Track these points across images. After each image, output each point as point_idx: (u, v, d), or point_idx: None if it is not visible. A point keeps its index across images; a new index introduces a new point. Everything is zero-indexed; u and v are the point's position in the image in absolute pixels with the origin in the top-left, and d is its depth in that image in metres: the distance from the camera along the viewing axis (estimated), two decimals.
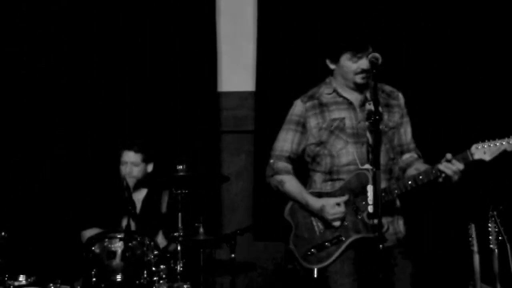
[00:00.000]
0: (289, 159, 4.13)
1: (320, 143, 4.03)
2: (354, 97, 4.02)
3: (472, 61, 5.62)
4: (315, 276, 3.95)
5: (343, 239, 3.90)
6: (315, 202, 3.97)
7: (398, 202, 4.06)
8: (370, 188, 3.73)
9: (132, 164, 5.16)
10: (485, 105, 5.57)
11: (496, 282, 4.45)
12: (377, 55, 3.75)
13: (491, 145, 3.68)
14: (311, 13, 5.78)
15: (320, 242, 3.94)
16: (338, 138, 3.99)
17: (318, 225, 4.00)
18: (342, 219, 3.91)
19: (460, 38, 5.65)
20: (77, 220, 5.35)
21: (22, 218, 5.72)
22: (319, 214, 3.95)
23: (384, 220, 3.82)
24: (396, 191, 3.86)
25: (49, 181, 5.86)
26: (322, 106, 4.06)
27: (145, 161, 5.21)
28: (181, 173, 4.60)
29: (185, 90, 5.91)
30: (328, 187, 4.03)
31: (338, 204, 3.90)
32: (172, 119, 5.91)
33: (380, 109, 3.54)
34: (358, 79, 3.95)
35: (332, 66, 4.03)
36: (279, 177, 4.12)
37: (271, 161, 4.16)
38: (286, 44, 5.82)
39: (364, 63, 3.90)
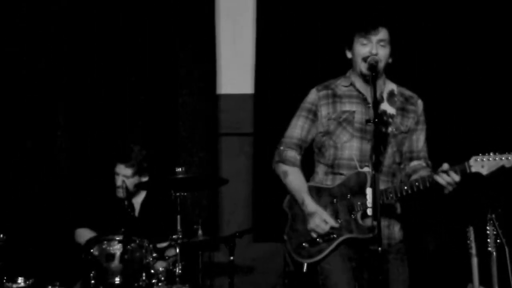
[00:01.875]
0: (299, 147, 4.07)
1: (327, 133, 4.00)
2: (369, 92, 3.92)
3: (482, 71, 5.62)
4: (304, 270, 3.93)
5: (335, 236, 3.88)
6: (311, 205, 3.94)
7: (398, 208, 4.04)
8: (369, 191, 3.73)
9: (124, 176, 5.16)
10: (491, 115, 5.57)
11: (494, 285, 4.45)
12: (376, 57, 3.74)
13: (490, 159, 3.62)
14: (311, 15, 5.79)
15: (313, 237, 3.92)
16: (345, 131, 3.96)
17: None
18: (320, 236, 3.89)
19: (467, 43, 5.64)
20: (74, 221, 5.35)
21: (21, 220, 5.71)
22: (306, 217, 3.95)
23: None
24: (391, 195, 3.85)
25: (48, 182, 5.86)
26: (335, 97, 4.02)
27: (138, 174, 5.21)
28: (180, 176, 4.60)
29: (184, 92, 5.92)
30: (328, 181, 3.99)
31: (326, 222, 3.89)
32: (171, 121, 5.91)
33: (393, 111, 3.54)
34: (364, 68, 3.86)
35: (349, 55, 3.98)
36: (284, 167, 4.07)
37: (281, 148, 4.10)
38: (285, 47, 5.82)
39: (373, 47, 3.83)
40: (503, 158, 3.61)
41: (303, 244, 3.93)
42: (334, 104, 4.00)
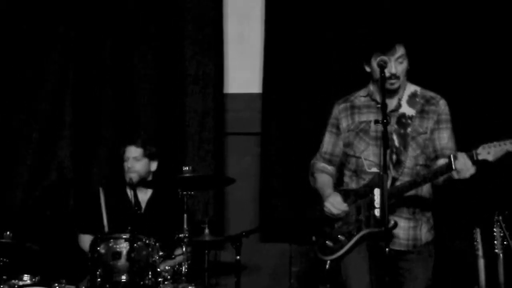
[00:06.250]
0: (328, 161, 4.24)
1: (348, 145, 4.12)
2: (388, 101, 3.96)
3: (487, 64, 5.60)
4: (327, 267, 4.05)
5: (355, 233, 3.99)
6: (329, 192, 4.08)
7: (430, 207, 4.07)
8: (377, 192, 3.75)
9: (134, 159, 5.18)
10: (493, 106, 5.56)
11: (501, 287, 4.44)
12: (385, 58, 3.75)
13: (496, 145, 3.69)
14: (319, 14, 5.78)
15: (335, 235, 4.04)
16: (362, 140, 4.06)
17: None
18: (342, 233, 4.00)
19: (473, 37, 5.63)
20: (80, 220, 5.36)
21: (27, 217, 5.72)
22: (323, 200, 4.06)
23: (401, 223, 3.91)
24: (402, 189, 3.88)
25: (54, 181, 5.86)
26: (353, 109, 4.14)
27: (148, 156, 5.21)
28: (187, 175, 4.61)
29: (191, 92, 5.92)
30: (353, 184, 4.11)
31: (340, 204, 3.99)
32: (178, 120, 5.91)
33: (412, 113, 3.56)
34: (388, 84, 3.91)
35: (367, 69, 4.04)
36: (314, 175, 4.25)
37: (312, 161, 4.29)
38: (294, 46, 5.81)
39: (392, 66, 3.89)
40: (507, 143, 3.68)
41: (327, 242, 4.06)
42: (353, 116, 4.13)
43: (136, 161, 5.18)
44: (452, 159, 3.70)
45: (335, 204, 4.01)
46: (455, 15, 5.65)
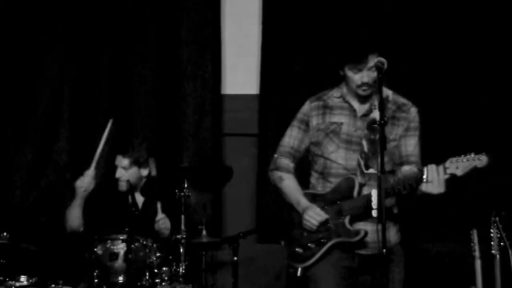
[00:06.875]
0: (292, 156, 4.20)
1: (317, 143, 4.10)
2: (359, 105, 4.06)
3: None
4: (298, 275, 4.04)
5: (325, 241, 3.97)
6: (305, 202, 4.05)
7: (395, 210, 4.07)
8: (374, 193, 3.76)
9: (122, 168, 5.16)
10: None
11: None
12: (382, 59, 3.75)
13: (464, 160, 3.69)
14: (316, 16, 5.79)
15: (305, 242, 4.02)
16: (331, 141, 4.05)
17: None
18: (312, 230, 3.99)
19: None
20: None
21: (24, 218, 5.72)
22: (301, 212, 4.03)
23: (368, 227, 3.91)
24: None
25: (51, 181, 5.86)
26: (325, 108, 4.13)
27: (136, 165, 5.18)
28: (185, 165, 4.64)
29: (189, 93, 5.92)
30: (319, 187, 4.10)
31: (320, 215, 3.97)
32: (175, 121, 5.91)
33: (385, 117, 3.56)
34: (360, 91, 3.98)
35: (341, 73, 4.06)
36: (279, 173, 4.20)
37: (275, 155, 4.25)
38: (291, 47, 5.83)
39: (364, 75, 3.93)
40: (475, 159, 3.67)
41: (297, 249, 4.04)
42: (324, 115, 4.11)
43: (125, 171, 5.15)
44: (424, 170, 3.69)
45: (314, 216, 3.97)
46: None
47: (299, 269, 4.03)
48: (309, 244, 4.00)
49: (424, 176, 3.67)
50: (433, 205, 5.33)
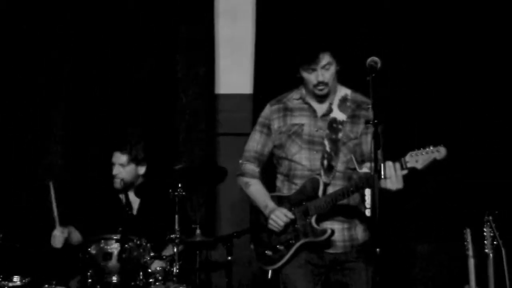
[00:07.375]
0: (256, 160, 4.26)
1: (280, 146, 4.15)
2: (319, 106, 4.09)
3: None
4: (269, 277, 4.10)
5: (293, 242, 4.02)
6: (272, 204, 4.11)
7: (363, 209, 4.08)
8: (368, 192, 3.77)
9: (120, 165, 5.15)
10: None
11: (490, 286, 4.46)
12: (376, 59, 3.76)
13: (423, 153, 3.73)
14: (311, 15, 5.79)
15: (274, 244, 4.06)
16: (294, 143, 4.09)
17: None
18: (278, 230, 4.04)
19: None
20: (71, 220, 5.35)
21: (17, 218, 5.70)
22: (267, 215, 4.08)
23: (334, 226, 3.97)
24: (339, 196, 3.93)
25: (44, 180, 5.85)
26: (286, 110, 4.17)
27: (134, 162, 5.18)
28: (180, 166, 4.66)
29: (183, 92, 5.92)
30: (285, 190, 4.15)
31: (286, 216, 4.01)
32: (169, 120, 5.91)
33: (343, 118, 3.60)
34: (317, 90, 4.03)
35: (298, 75, 4.11)
36: (245, 179, 4.27)
37: (240, 161, 4.31)
38: (285, 47, 5.82)
39: (319, 74, 3.97)
40: (434, 151, 3.72)
41: (266, 252, 4.10)
42: (285, 118, 4.16)
43: (122, 167, 5.15)
44: (381, 167, 3.70)
45: (280, 216, 4.02)
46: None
47: (270, 272, 4.07)
48: (277, 246, 4.06)
49: (382, 173, 3.64)
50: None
